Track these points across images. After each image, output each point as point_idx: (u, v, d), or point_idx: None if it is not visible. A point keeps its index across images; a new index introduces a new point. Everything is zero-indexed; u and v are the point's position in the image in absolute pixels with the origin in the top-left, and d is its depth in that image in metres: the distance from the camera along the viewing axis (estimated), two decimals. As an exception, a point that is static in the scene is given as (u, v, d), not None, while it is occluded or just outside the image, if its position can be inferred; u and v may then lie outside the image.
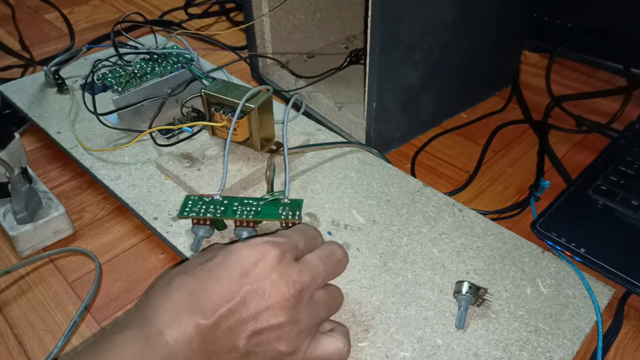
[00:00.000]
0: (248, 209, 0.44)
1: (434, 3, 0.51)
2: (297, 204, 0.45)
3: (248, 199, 0.46)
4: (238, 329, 0.31)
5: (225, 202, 0.45)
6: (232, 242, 0.36)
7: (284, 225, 0.45)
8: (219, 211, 0.44)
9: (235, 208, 0.45)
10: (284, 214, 0.44)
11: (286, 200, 0.45)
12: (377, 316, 0.39)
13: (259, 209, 0.45)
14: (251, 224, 0.44)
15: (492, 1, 0.58)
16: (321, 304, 0.35)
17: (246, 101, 0.48)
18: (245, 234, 0.44)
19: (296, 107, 0.61)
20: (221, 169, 0.50)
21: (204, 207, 0.45)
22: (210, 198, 0.45)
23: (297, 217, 0.44)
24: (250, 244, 0.33)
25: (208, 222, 0.45)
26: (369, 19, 0.48)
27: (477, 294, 0.38)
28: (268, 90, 0.51)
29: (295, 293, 0.32)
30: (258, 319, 0.31)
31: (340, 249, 0.37)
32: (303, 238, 0.36)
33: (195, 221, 0.44)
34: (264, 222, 0.46)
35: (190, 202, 0.45)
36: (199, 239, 0.44)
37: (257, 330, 0.31)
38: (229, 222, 0.46)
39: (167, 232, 0.46)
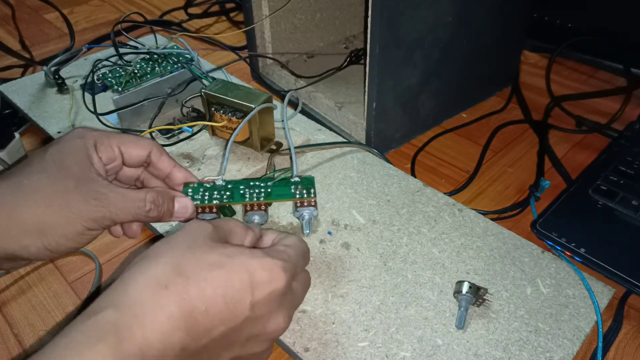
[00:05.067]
0: (257, 191, 0.42)
1: (434, 3, 0.51)
2: (309, 181, 0.43)
3: (254, 180, 0.43)
4: (221, 351, 0.29)
5: (230, 186, 0.42)
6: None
7: (299, 204, 0.43)
8: (225, 196, 0.41)
9: (242, 192, 0.42)
10: (298, 192, 0.42)
11: (296, 179, 0.43)
12: (377, 316, 0.39)
13: (269, 190, 0.42)
14: (263, 207, 0.42)
15: (492, 1, 0.58)
16: None
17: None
18: (257, 218, 0.42)
19: (295, 106, 0.61)
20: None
21: (207, 193, 0.41)
22: (212, 183, 0.42)
23: (312, 195, 0.42)
24: (263, 264, 0.30)
25: (214, 210, 0.41)
26: (369, 19, 0.48)
27: (477, 294, 0.38)
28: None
29: (287, 326, 0.32)
30: (245, 345, 0.30)
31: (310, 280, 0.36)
32: (301, 260, 0.34)
33: (200, 210, 0.41)
34: (276, 203, 0.44)
35: (190, 190, 0.41)
36: None
37: (238, 356, 0.30)
38: (237, 208, 0.44)
39: (167, 232, 0.46)
